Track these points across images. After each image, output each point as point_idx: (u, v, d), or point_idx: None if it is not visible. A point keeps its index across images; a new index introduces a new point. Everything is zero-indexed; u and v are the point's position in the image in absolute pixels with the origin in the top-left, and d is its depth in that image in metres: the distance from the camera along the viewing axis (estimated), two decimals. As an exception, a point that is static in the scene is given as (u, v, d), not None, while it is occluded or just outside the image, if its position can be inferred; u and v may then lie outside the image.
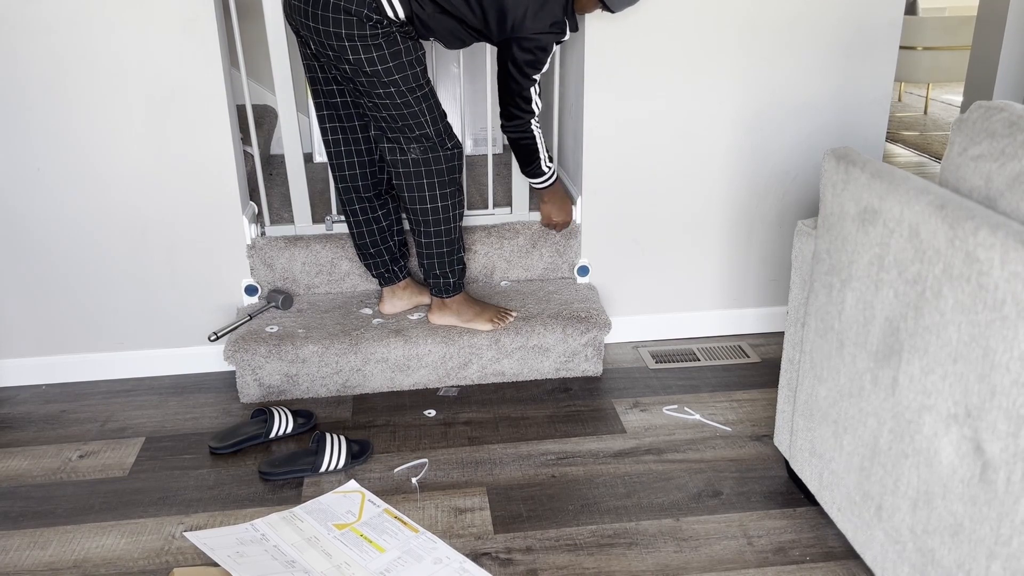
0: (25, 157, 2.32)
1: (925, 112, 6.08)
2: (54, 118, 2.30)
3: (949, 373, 1.28)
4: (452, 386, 2.37)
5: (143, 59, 2.28)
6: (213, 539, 1.83)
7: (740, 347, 2.70)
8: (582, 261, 2.66)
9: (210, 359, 2.58)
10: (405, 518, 1.91)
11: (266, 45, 3.51)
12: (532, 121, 2.24)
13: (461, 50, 2.51)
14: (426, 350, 2.39)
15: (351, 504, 1.95)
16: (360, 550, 1.80)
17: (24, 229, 2.39)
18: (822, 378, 1.69)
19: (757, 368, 2.57)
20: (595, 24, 2.39)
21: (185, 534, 1.85)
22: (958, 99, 6.58)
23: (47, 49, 2.24)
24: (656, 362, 2.61)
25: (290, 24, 2.09)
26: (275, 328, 2.41)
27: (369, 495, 1.98)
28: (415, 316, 2.48)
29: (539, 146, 2.29)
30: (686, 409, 2.33)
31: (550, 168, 2.38)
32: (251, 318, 2.47)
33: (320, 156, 3.43)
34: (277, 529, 1.86)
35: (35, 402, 2.45)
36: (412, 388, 2.45)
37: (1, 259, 2.40)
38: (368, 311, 2.50)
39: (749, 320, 2.78)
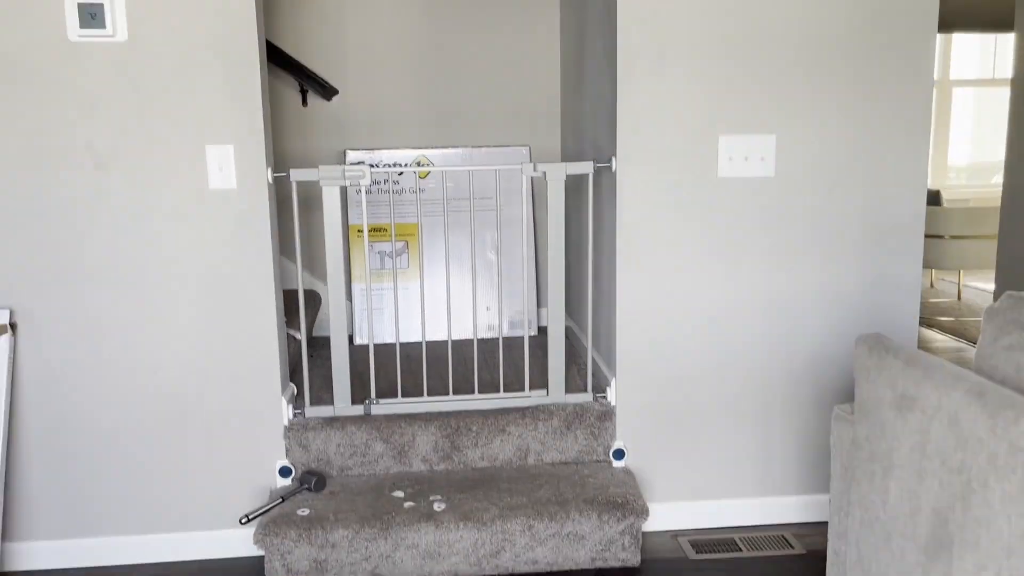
0: (79, 338, 2.42)
1: (959, 298, 6.11)
2: (111, 302, 2.41)
3: (1003, 569, 1.22)
4: None
5: (199, 248, 2.42)
6: None
7: (784, 537, 2.59)
8: (618, 444, 2.64)
9: (239, 543, 2.54)
10: None
11: (308, 233, 3.70)
12: None
13: (497, 237, 2.62)
14: (457, 536, 2.33)
15: None
16: None
17: (69, 411, 2.45)
18: (870, 572, 1.61)
19: (802, 560, 2.46)
20: (625, 209, 2.50)
21: None
22: (991, 286, 6.62)
23: (111, 239, 2.39)
24: (696, 552, 2.51)
25: None
26: (306, 511, 2.38)
27: None
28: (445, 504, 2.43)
29: None
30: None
31: None
32: (283, 500, 2.45)
33: (361, 338, 3.52)
34: None
35: (60, 585, 2.40)
36: (443, 577, 2.38)
37: (44, 440, 2.45)
38: (400, 494, 2.47)
39: (791, 508, 2.69)
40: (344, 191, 3.62)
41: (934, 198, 6.76)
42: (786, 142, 2.51)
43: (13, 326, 2.37)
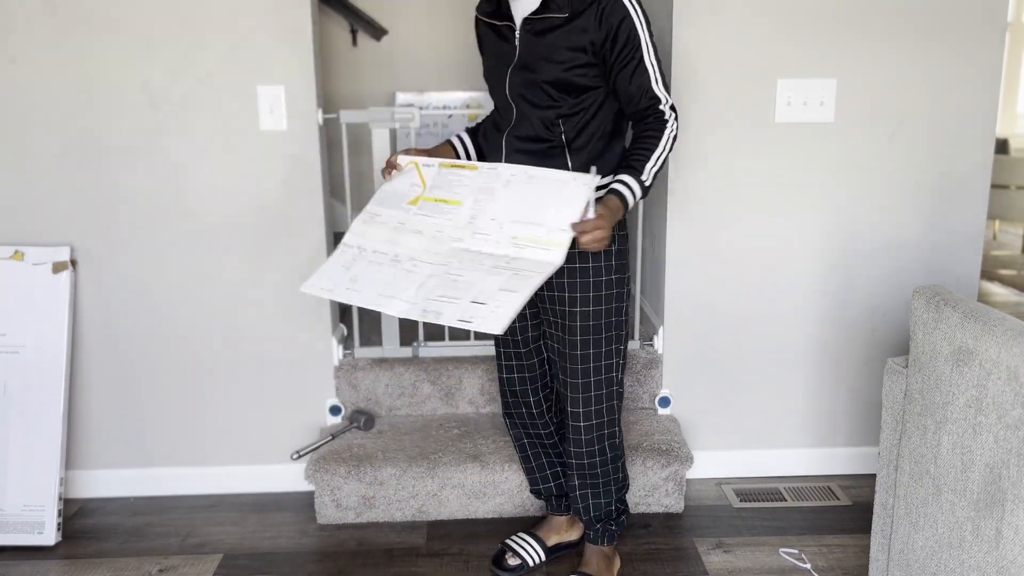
0: (136, 274, 2.48)
1: (1023, 251, 5.91)
2: (165, 241, 2.46)
3: (1058, 527, 1.20)
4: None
5: (251, 188, 2.44)
6: (325, 280, 1.83)
7: (829, 488, 2.58)
8: (663, 392, 2.63)
9: (291, 478, 2.61)
10: (461, 161, 1.93)
11: (358, 175, 3.71)
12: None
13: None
14: (503, 477, 2.37)
15: (411, 177, 1.92)
16: (441, 213, 1.84)
17: (128, 346, 2.52)
18: (919, 526, 1.60)
19: (848, 512, 2.45)
20: (678, 153, 2.45)
21: (302, 289, 1.82)
22: (1057, 237, 6.37)
23: (165, 179, 2.42)
24: (740, 500, 2.51)
25: None
26: (356, 449, 2.44)
27: (421, 161, 1.93)
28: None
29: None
30: (803, 556, 2.22)
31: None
32: (333, 438, 2.51)
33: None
34: (365, 235, 1.89)
35: (123, 514, 2.51)
36: (487, 516, 2.42)
37: (104, 374, 2.53)
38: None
39: (838, 460, 2.67)
40: (394, 133, 3.61)
41: (1001, 146, 6.50)
42: (847, 86, 2.42)
43: (73, 263, 2.44)
